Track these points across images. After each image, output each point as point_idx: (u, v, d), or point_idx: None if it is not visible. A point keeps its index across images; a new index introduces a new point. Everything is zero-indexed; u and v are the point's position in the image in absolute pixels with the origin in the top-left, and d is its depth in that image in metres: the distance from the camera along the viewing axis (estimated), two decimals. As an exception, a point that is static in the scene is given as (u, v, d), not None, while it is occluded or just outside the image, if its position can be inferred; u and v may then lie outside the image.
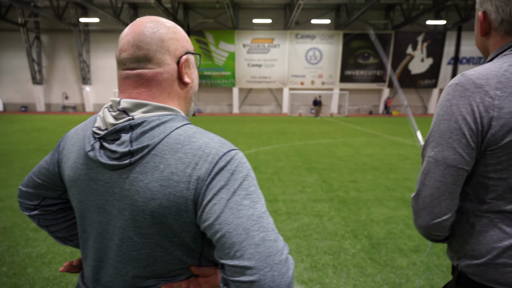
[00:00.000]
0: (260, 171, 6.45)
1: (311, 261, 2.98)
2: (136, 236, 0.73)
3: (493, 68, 0.83)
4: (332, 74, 29.26)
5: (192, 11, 28.43)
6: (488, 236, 0.87)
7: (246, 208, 0.66)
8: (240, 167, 0.70)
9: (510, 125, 0.79)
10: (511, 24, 0.86)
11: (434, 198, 0.89)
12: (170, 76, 0.79)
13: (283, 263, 0.63)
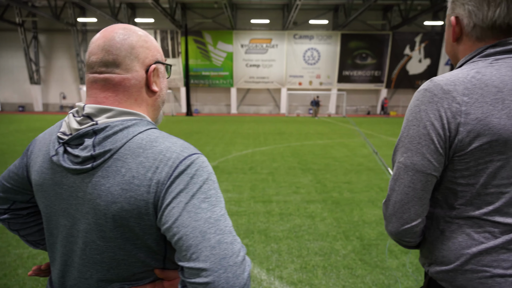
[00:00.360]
0: (255, 172, 6.46)
1: (301, 262, 2.99)
2: (99, 240, 0.73)
3: (461, 74, 0.84)
4: (330, 74, 29.28)
5: (190, 11, 28.41)
6: (457, 242, 0.87)
7: (204, 211, 0.67)
8: (200, 171, 0.72)
9: (477, 131, 0.79)
10: (483, 30, 0.87)
11: (404, 204, 0.89)
12: (138, 82, 0.80)
13: (238, 265, 0.64)
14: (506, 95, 0.79)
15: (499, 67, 0.83)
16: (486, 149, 0.80)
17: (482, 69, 0.83)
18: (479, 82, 0.81)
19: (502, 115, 0.78)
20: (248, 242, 3.37)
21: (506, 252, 0.82)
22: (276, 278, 2.74)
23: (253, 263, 2.97)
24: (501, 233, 0.82)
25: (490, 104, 0.79)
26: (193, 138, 11.46)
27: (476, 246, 0.84)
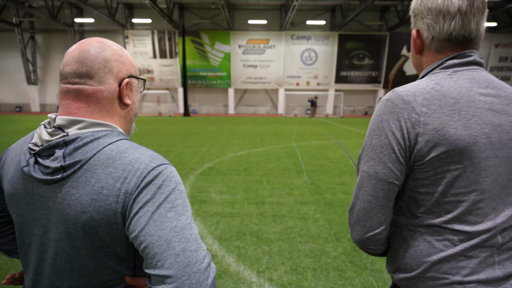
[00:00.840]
0: (250, 173, 6.48)
1: (291, 264, 3.01)
2: (69, 248, 0.75)
3: (421, 85, 0.86)
4: (327, 75, 29.33)
5: (187, 11, 28.41)
6: (419, 250, 0.89)
7: (170, 220, 0.70)
8: (168, 181, 0.74)
9: (435, 141, 0.81)
10: (441, 42, 0.90)
11: (367, 212, 0.90)
12: (110, 95, 0.82)
13: (202, 272, 0.67)
14: (463, 106, 0.82)
15: (457, 78, 0.86)
16: (444, 159, 0.82)
17: (441, 81, 0.86)
18: (437, 93, 0.84)
19: (459, 126, 0.81)
20: (240, 244, 3.39)
21: (465, 260, 0.84)
22: (266, 280, 2.76)
23: (243, 265, 2.99)
24: (460, 241, 0.84)
25: (448, 115, 0.82)
26: (190, 139, 11.47)
27: (436, 254, 0.86)
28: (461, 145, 0.81)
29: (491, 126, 0.83)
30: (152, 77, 29.00)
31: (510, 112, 0.86)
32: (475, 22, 0.87)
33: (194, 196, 4.98)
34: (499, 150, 0.83)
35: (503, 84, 0.90)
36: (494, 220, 0.84)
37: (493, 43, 28.55)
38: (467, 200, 0.84)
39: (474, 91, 0.85)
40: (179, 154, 8.54)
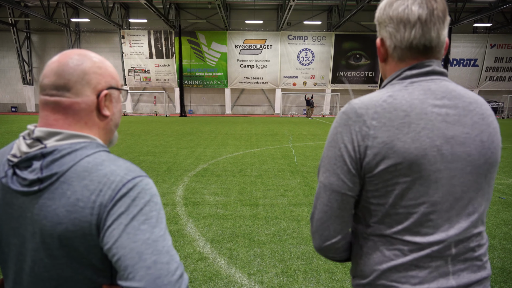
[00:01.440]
0: (244, 174, 6.48)
1: (283, 267, 3.01)
2: (47, 258, 0.76)
3: (375, 97, 0.87)
4: (324, 75, 29.39)
5: (184, 11, 28.38)
6: (372, 258, 0.90)
7: (143, 232, 0.71)
8: (143, 193, 0.75)
9: (383, 154, 0.81)
10: (402, 51, 0.89)
11: (323, 222, 0.92)
12: (88, 107, 0.82)
13: (173, 284, 0.68)
14: (413, 119, 0.82)
15: (412, 90, 0.86)
16: (393, 172, 0.82)
17: (395, 93, 0.86)
18: (389, 106, 0.83)
19: (407, 139, 0.81)
20: (232, 246, 3.39)
21: (415, 269, 0.85)
22: (257, 283, 2.76)
23: (235, 267, 2.99)
24: (410, 251, 0.85)
25: (397, 128, 0.81)
26: (185, 140, 11.46)
27: (387, 263, 0.87)
28: (409, 158, 0.80)
29: (443, 139, 0.82)
30: (148, 77, 28.94)
31: (467, 124, 0.84)
32: (436, 30, 0.86)
33: (188, 197, 4.98)
34: (452, 162, 0.83)
35: (463, 94, 0.88)
36: (447, 232, 0.84)
37: (488, 44, 28.69)
38: (417, 212, 0.84)
39: (427, 102, 0.84)
40: (174, 155, 8.53)
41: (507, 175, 6.61)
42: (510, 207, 4.67)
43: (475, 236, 0.88)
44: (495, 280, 2.82)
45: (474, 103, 0.87)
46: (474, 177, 0.85)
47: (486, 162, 0.85)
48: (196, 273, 2.89)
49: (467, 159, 0.83)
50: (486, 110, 0.88)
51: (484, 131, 0.85)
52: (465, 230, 0.86)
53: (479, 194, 0.87)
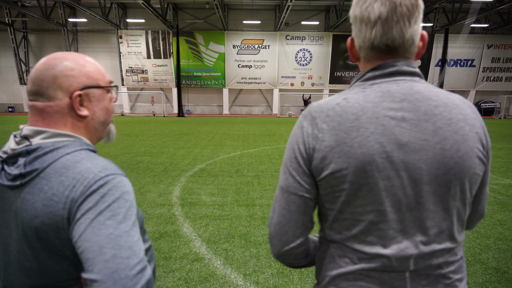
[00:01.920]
0: (241, 175, 6.48)
1: (278, 267, 3.02)
2: (28, 249, 0.81)
3: (332, 100, 0.84)
4: (321, 75, 29.42)
5: (181, 11, 28.36)
6: (325, 263, 0.89)
7: (107, 227, 0.73)
8: (113, 190, 0.78)
9: (329, 158, 0.79)
10: (366, 50, 0.85)
11: (282, 226, 0.87)
12: (61, 109, 0.86)
13: (130, 278, 0.70)
14: (363, 123, 0.78)
15: (369, 92, 0.82)
16: (338, 177, 0.79)
17: (351, 95, 0.83)
18: (341, 109, 0.81)
19: (354, 144, 0.77)
20: (228, 247, 3.39)
21: (364, 279, 0.82)
22: (252, 283, 2.77)
23: (230, 268, 2.99)
24: (359, 259, 0.82)
25: (345, 132, 0.78)
26: (183, 140, 11.45)
27: (336, 270, 0.85)
28: (355, 164, 0.76)
29: (395, 144, 0.76)
30: (146, 77, 28.89)
31: (427, 129, 0.77)
32: (399, 28, 0.79)
33: (185, 198, 4.98)
34: (404, 170, 0.76)
35: (430, 96, 0.81)
36: (400, 245, 0.79)
37: (485, 44, 28.79)
38: (364, 220, 0.80)
39: (382, 106, 0.79)
40: (171, 155, 8.53)
41: (503, 176, 6.64)
42: (505, 208, 4.69)
43: (440, 252, 0.81)
44: (489, 280, 2.84)
45: (442, 106, 0.79)
46: (433, 188, 0.77)
47: (448, 173, 0.77)
48: (192, 274, 2.89)
49: (423, 168, 0.76)
50: (456, 115, 0.79)
51: (448, 138, 0.77)
52: (425, 245, 0.79)
53: (441, 208, 0.79)
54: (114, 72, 29.12)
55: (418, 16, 0.80)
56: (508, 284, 2.79)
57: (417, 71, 0.85)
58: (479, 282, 2.81)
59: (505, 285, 2.78)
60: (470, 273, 2.95)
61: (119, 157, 8.23)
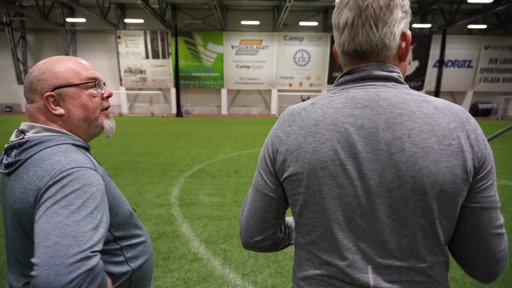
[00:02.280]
0: (240, 175, 6.50)
1: (277, 267, 3.04)
2: (15, 230, 0.92)
3: (302, 104, 0.85)
4: (320, 76, 29.49)
5: (180, 12, 28.36)
6: (295, 265, 0.91)
7: (58, 216, 0.77)
8: (74, 182, 0.83)
9: (288, 162, 0.80)
10: (341, 55, 0.85)
11: (248, 220, 0.92)
12: (39, 110, 0.97)
13: (65, 266, 0.71)
14: (321, 128, 0.77)
15: (336, 97, 0.80)
16: (295, 181, 0.80)
17: (318, 100, 0.83)
18: (305, 114, 0.81)
19: (309, 149, 0.77)
20: (226, 247, 3.41)
21: (325, 285, 0.81)
22: (250, 283, 2.79)
23: (229, 268, 3.01)
24: (320, 264, 0.82)
25: (303, 137, 0.79)
26: (181, 140, 11.46)
27: (301, 272, 0.87)
28: (308, 169, 0.77)
29: (349, 153, 0.74)
30: (144, 77, 28.89)
31: (383, 139, 0.72)
32: (365, 33, 0.77)
33: (183, 198, 5.00)
34: (358, 180, 0.74)
35: (397, 103, 0.75)
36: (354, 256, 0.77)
37: (483, 45, 28.93)
38: (320, 227, 0.79)
39: (343, 112, 0.77)
40: (169, 155, 8.54)
41: (500, 176, 6.69)
42: (502, 208, 4.73)
43: (405, 270, 0.75)
44: (485, 280, 2.87)
45: (407, 115, 0.72)
46: (387, 201, 0.72)
47: (403, 187, 0.71)
48: (191, 274, 2.91)
49: (376, 179, 0.72)
50: (422, 125, 0.71)
51: (405, 149, 0.70)
52: (382, 259, 0.75)
53: (398, 223, 0.73)
54: (113, 72, 29.12)
55: (388, 18, 0.76)
56: (504, 284, 2.82)
57: (393, 75, 0.79)
58: (475, 283, 2.84)
59: (501, 285, 2.81)
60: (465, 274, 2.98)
61: (117, 157, 8.24)
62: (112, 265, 0.99)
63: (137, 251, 1.08)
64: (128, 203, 1.09)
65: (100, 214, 0.84)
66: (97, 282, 0.76)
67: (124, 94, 29.28)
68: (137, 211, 4.40)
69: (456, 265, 3.11)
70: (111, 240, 1.00)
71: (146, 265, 1.12)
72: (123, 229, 1.03)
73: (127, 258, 1.04)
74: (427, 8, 21.12)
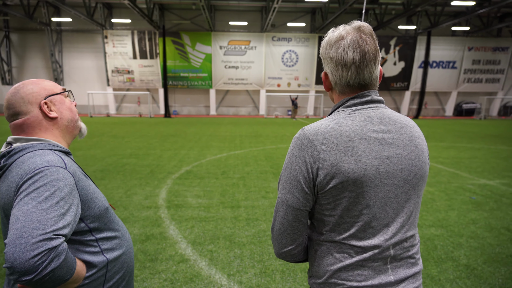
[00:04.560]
0: (227, 177, 6.58)
1: (261, 267, 3.14)
2: (4, 224, 1.11)
3: (324, 125, 1.01)
4: (308, 76, 29.71)
5: (168, 12, 28.24)
6: (324, 260, 1.06)
7: (27, 205, 0.94)
8: (44, 177, 0.99)
9: (332, 174, 0.95)
10: (342, 87, 1.05)
11: (281, 232, 1.07)
12: (36, 118, 1.16)
13: (29, 245, 0.87)
14: (356, 143, 0.97)
15: (354, 117, 1.01)
16: (340, 189, 0.97)
17: (340, 120, 1.01)
18: (335, 132, 0.98)
19: (351, 161, 0.95)
20: (213, 248, 3.50)
21: (360, 269, 1.01)
22: (236, 283, 2.88)
23: (215, 268, 3.10)
24: (356, 253, 1.01)
25: (342, 152, 0.96)
26: (169, 141, 11.47)
27: (337, 264, 1.03)
28: (353, 177, 0.95)
29: (380, 159, 0.97)
30: (132, 77, 28.67)
31: (399, 145, 1.00)
32: (368, 71, 1.01)
33: (171, 200, 5.06)
34: (388, 178, 0.98)
35: (396, 120, 1.04)
36: (385, 236, 1.00)
37: (466, 47, 29.57)
38: (361, 221, 0.99)
39: (367, 128, 0.99)
40: (157, 157, 8.57)
41: (479, 176, 6.91)
42: (479, 207, 4.92)
43: (409, 238, 1.05)
44: (459, 277, 3.01)
45: (405, 127, 1.04)
46: (406, 189, 1.01)
47: (415, 177, 1.02)
48: (178, 275, 2.98)
49: (399, 175, 1.00)
50: (414, 133, 1.05)
51: (412, 151, 1.02)
52: (400, 234, 1.02)
53: (409, 203, 1.03)
54: (99, 73, 28.83)
55: (379, 59, 1.04)
56: (477, 279, 2.97)
57: (382, 99, 1.07)
58: (450, 279, 2.98)
59: (474, 280, 2.96)
60: (441, 270, 3.13)
61: (105, 159, 8.23)
62: (87, 254, 1.14)
63: (113, 244, 1.23)
64: (105, 200, 1.25)
65: (67, 205, 1.00)
66: (59, 260, 0.92)
67: (112, 95, 29.00)
68: (125, 214, 4.45)
69: (432, 262, 3.26)
70: (86, 231, 1.14)
71: (123, 257, 1.26)
72: (98, 222, 1.18)
73: (102, 249, 1.18)
74: (412, 10, 21.50)
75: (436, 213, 4.64)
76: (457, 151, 10.16)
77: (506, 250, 3.54)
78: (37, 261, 0.87)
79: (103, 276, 1.18)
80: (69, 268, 0.97)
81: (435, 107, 32.15)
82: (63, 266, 0.93)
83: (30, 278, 0.86)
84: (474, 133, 16.03)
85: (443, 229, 4.09)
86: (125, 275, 1.29)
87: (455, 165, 8.01)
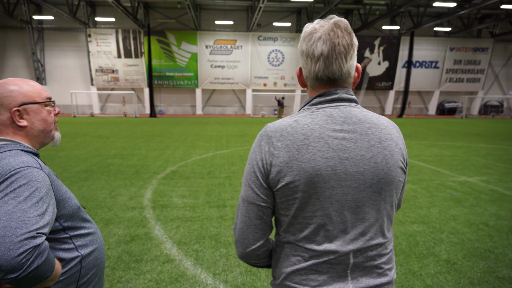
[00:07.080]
0: (213, 176, 6.58)
1: (247, 266, 3.16)
2: None
3: (284, 122, 1.00)
4: (294, 76, 29.85)
5: (153, 10, 27.95)
6: (281, 262, 1.04)
7: (7, 205, 0.95)
8: (21, 178, 1.00)
9: (284, 172, 0.93)
10: (312, 81, 1.02)
11: (244, 231, 1.03)
12: (3, 122, 1.14)
13: (14, 243, 0.89)
14: (311, 141, 0.93)
15: (316, 116, 0.98)
16: (292, 188, 0.93)
17: (300, 118, 0.99)
18: (293, 130, 0.96)
19: (304, 159, 0.92)
20: (199, 248, 3.50)
21: (314, 273, 0.97)
22: (221, 282, 2.89)
23: (200, 268, 3.10)
24: (310, 257, 0.97)
25: (296, 149, 0.93)
26: (155, 141, 11.38)
27: (291, 267, 1.00)
28: (305, 176, 0.91)
29: (337, 160, 0.92)
30: (116, 77, 28.28)
31: (363, 146, 0.94)
32: (338, 64, 0.96)
33: (156, 201, 5.03)
34: (346, 181, 0.93)
35: (364, 119, 0.98)
36: (342, 241, 0.96)
37: (448, 47, 30.21)
38: (314, 223, 0.95)
39: (327, 127, 0.95)
40: (143, 157, 8.49)
41: (460, 173, 7.09)
42: (459, 203, 5.05)
43: (374, 247, 0.99)
44: (440, 271, 3.10)
45: (374, 127, 0.98)
46: (368, 194, 0.95)
47: (380, 181, 0.95)
48: (163, 275, 2.98)
49: (360, 178, 0.94)
50: (385, 134, 0.98)
51: (379, 153, 0.95)
52: (361, 241, 0.97)
53: (374, 209, 0.97)
54: (83, 72, 28.35)
55: (353, 53, 0.99)
56: (456, 274, 3.06)
57: (354, 98, 1.02)
58: (431, 273, 3.06)
59: (454, 275, 3.04)
60: (423, 265, 3.21)
61: (89, 159, 8.11)
62: (62, 251, 1.16)
63: (86, 240, 1.26)
64: (75, 199, 1.27)
65: (45, 205, 1.01)
66: (43, 258, 0.94)
67: (96, 94, 28.54)
68: (109, 214, 4.40)
69: (414, 257, 3.33)
70: (60, 230, 1.16)
71: (96, 253, 1.30)
72: (71, 220, 1.20)
73: (76, 245, 1.21)
74: (396, 11, 21.83)
75: (418, 210, 4.74)
76: (439, 149, 10.38)
77: (484, 245, 3.65)
78: (23, 259, 0.89)
79: (78, 272, 1.21)
80: (50, 265, 1.00)
81: (419, 106, 32.74)
82: (45, 263, 0.96)
83: (15, 276, 0.88)
84: (456, 131, 16.41)
85: (425, 225, 4.19)
86: (97, 271, 1.32)
87: (437, 163, 8.19)
